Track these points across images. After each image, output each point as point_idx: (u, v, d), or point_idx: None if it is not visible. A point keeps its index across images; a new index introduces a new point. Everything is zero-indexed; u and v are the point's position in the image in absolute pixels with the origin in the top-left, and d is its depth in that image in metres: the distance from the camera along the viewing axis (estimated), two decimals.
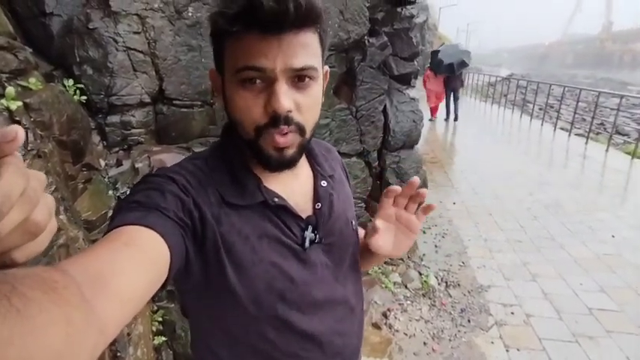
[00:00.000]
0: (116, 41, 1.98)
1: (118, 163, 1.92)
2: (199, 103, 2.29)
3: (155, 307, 1.63)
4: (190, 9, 2.18)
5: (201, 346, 0.70)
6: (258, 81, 0.56)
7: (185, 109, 2.26)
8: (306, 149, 0.66)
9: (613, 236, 3.95)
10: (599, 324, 2.67)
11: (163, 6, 2.11)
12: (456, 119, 9.75)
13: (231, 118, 0.61)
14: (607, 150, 7.35)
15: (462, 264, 3.44)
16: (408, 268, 3.26)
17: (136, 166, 1.92)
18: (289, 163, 0.62)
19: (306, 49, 0.57)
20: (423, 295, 3.00)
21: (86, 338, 0.32)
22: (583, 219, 4.37)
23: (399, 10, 2.90)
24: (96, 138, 1.97)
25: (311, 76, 0.58)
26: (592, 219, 4.37)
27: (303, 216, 0.66)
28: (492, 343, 2.52)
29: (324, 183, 0.71)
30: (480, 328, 2.66)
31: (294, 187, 0.68)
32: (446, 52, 8.93)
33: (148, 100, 2.12)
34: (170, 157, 2.06)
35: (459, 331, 2.64)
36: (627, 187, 5.62)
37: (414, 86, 3.20)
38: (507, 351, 2.45)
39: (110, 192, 1.78)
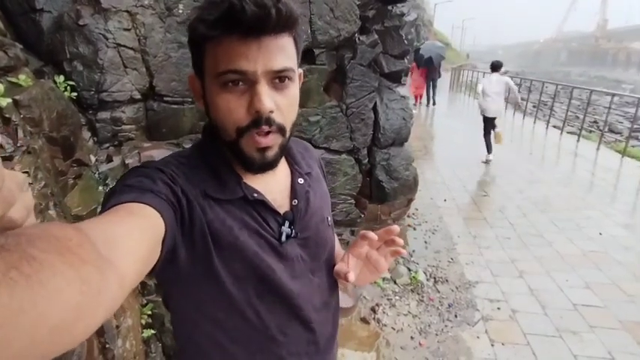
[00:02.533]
0: (106, 38, 1.99)
1: (109, 159, 1.94)
2: (190, 99, 2.30)
3: (144, 301, 1.66)
4: (181, 6, 2.20)
5: (183, 334, 0.73)
6: (240, 83, 0.59)
7: (175, 106, 2.28)
8: (285, 150, 0.69)
9: (600, 234, 4.02)
10: (582, 319, 2.74)
11: (154, 3, 2.12)
12: (434, 104, 11.42)
13: (213, 120, 0.64)
14: (598, 148, 7.44)
15: (450, 260, 3.49)
16: (398, 264, 3.31)
17: (127, 162, 1.94)
18: (271, 165, 0.65)
19: (283, 52, 0.60)
20: (412, 291, 3.05)
21: (103, 293, 0.33)
22: (571, 216, 4.43)
23: (389, 8, 2.92)
24: (86, 134, 1.99)
25: (289, 77, 0.62)
26: (580, 216, 4.43)
27: (281, 211, 0.69)
28: (478, 337, 2.58)
29: (300, 180, 0.74)
30: (467, 323, 2.71)
31: (272, 184, 0.70)
32: (426, 49, 10.76)
33: (138, 96, 2.14)
34: (160, 154, 2.08)
35: (445, 325, 2.69)
36: (617, 186, 5.70)
37: (404, 84, 3.23)
38: (492, 345, 2.50)
39: (100, 187, 1.80)
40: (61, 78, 1.90)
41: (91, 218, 0.47)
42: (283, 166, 0.75)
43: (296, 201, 0.71)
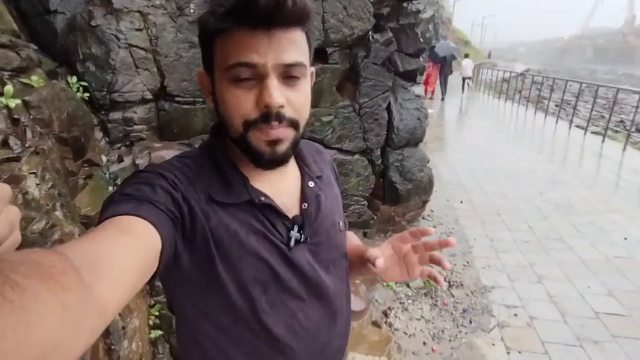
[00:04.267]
0: (118, 38, 2.00)
1: (120, 160, 1.95)
2: (201, 100, 2.30)
3: (152, 302, 1.66)
4: (192, 5, 2.19)
5: (187, 339, 0.71)
6: (249, 78, 0.57)
7: (187, 106, 2.28)
8: (297, 147, 0.67)
9: (625, 238, 3.85)
10: (605, 328, 2.61)
11: (165, 3, 2.12)
12: (443, 98, 12.62)
13: (221, 116, 0.62)
14: (624, 149, 7.14)
15: (466, 264, 3.40)
16: None
17: (137, 162, 1.95)
18: (281, 160, 0.62)
19: (295, 46, 0.58)
20: (425, 295, 2.97)
21: (84, 322, 0.33)
22: (594, 220, 4.26)
23: (404, 5, 2.85)
24: (98, 134, 2.01)
25: (300, 72, 0.59)
26: (604, 220, 4.25)
27: (290, 216, 0.67)
28: (493, 344, 2.49)
29: (311, 184, 0.71)
30: (482, 329, 2.63)
31: (281, 187, 0.68)
32: (441, 48, 12.23)
33: (149, 96, 2.14)
34: (171, 154, 2.08)
35: (459, 331, 2.62)
36: None
37: (419, 83, 3.15)
38: (508, 353, 2.42)
39: (110, 188, 1.81)
40: (74, 79, 1.92)
41: (79, 238, 0.45)
42: (293, 169, 0.72)
43: (306, 205, 0.68)
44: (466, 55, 14.03)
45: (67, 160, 1.60)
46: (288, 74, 0.58)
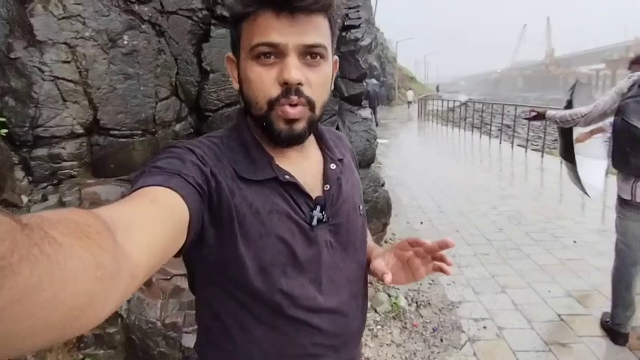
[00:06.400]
0: (42, 71, 1.88)
1: (44, 199, 1.77)
2: (139, 132, 2.19)
3: (81, 356, 1.44)
4: (126, 37, 2.13)
5: (207, 314, 0.71)
6: (271, 56, 0.60)
7: (124, 139, 2.15)
8: (315, 127, 0.69)
9: (575, 242, 4.03)
10: (570, 330, 2.63)
11: (95, 34, 2.04)
12: (377, 125, 13.94)
13: (246, 96, 0.64)
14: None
15: (431, 282, 3.36)
16: (377, 292, 3.14)
17: (64, 199, 1.77)
18: (298, 138, 0.64)
19: (316, 29, 0.61)
20: (394, 318, 2.87)
21: (117, 281, 0.33)
22: (545, 227, 4.45)
23: (343, 34, 2.97)
24: (19, 174, 1.82)
25: (321, 54, 0.62)
26: (554, 227, 4.45)
27: (313, 196, 0.68)
28: None
29: (333, 166, 0.73)
30: (453, 347, 2.55)
31: (304, 168, 0.69)
32: (369, 86, 13.40)
33: (80, 130, 2.00)
34: (105, 190, 1.92)
35: (432, 352, 2.52)
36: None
37: (365, 106, 3.23)
38: None
39: None
40: None
41: (112, 204, 0.46)
42: (315, 151, 0.74)
43: (328, 186, 0.70)
44: (409, 89, 19.34)
45: None
46: (309, 55, 0.61)
